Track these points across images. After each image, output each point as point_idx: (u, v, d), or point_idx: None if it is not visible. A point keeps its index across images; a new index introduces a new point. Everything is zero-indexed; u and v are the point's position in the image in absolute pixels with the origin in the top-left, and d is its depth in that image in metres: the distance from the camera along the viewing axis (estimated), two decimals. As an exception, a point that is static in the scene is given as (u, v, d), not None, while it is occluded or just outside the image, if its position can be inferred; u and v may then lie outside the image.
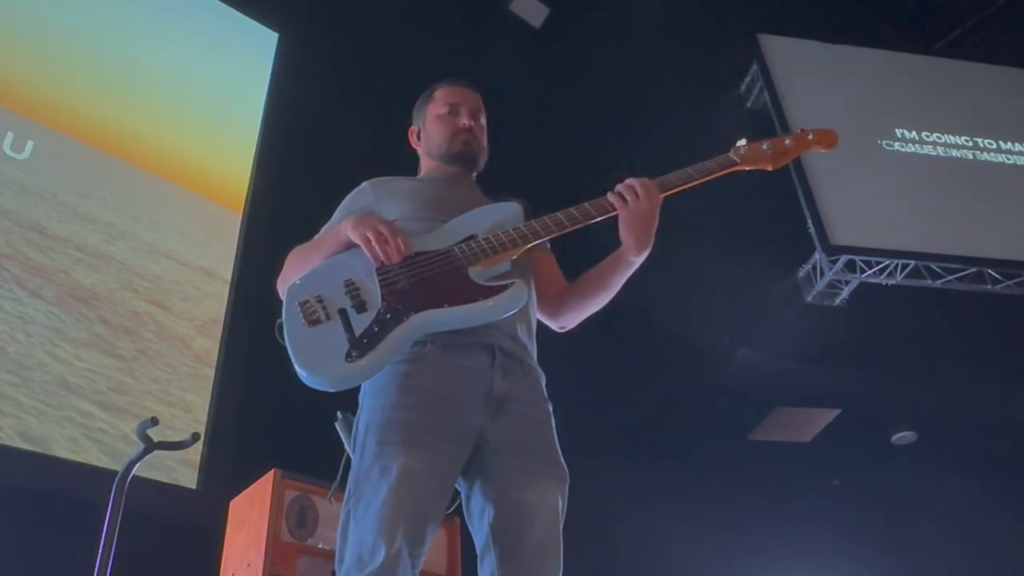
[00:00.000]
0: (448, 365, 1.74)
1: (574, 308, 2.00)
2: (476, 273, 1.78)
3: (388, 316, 1.70)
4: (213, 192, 4.94)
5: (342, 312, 1.72)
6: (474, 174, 2.14)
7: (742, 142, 1.97)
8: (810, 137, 2.01)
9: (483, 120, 2.15)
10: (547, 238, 1.86)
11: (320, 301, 1.76)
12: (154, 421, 2.47)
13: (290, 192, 4.68)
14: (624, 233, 1.84)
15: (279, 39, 5.41)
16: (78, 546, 2.60)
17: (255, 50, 5.34)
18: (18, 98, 4.25)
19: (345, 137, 4.95)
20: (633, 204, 1.82)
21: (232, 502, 3.04)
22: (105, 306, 4.02)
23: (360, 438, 1.74)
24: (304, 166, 4.81)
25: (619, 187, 1.85)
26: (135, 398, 3.86)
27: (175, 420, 3.90)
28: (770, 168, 1.98)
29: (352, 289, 1.76)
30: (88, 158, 4.45)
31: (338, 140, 4.97)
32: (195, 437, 2.56)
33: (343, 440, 1.99)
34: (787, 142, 2.00)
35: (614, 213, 1.85)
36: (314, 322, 1.73)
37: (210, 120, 5.11)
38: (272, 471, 2.85)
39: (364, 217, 1.85)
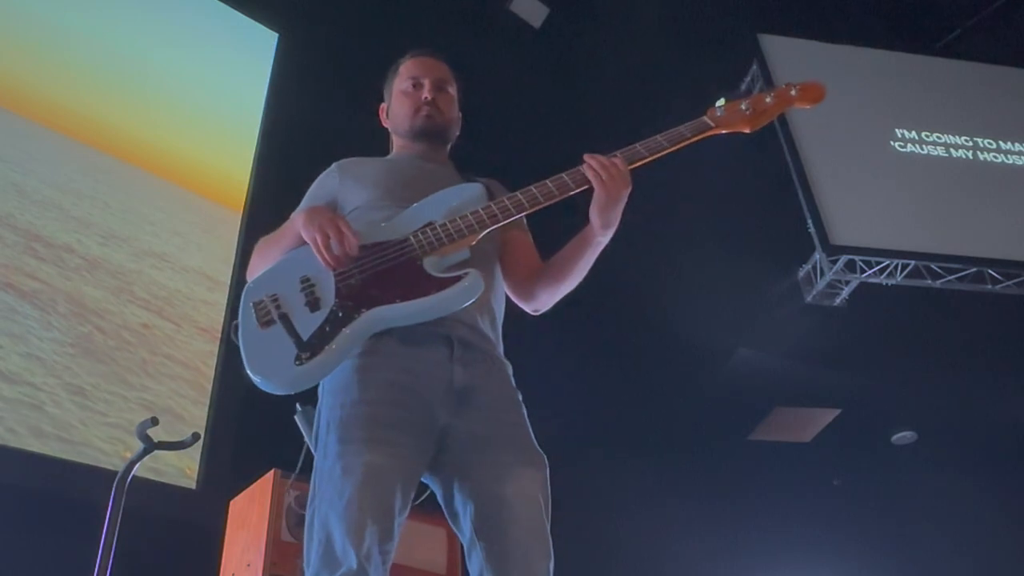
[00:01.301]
0: (405, 356, 1.71)
1: (545, 292, 1.94)
2: (431, 263, 1.74)
3: (340, 314, 1.67)
4: (213, 192, 4.94)
5: (283, 316, 1.69)
6: (447, 147, 2.10)
7: (720, 103, 1.86)
8: (793, 92, 1.90)
9: (451, 89, 2.09)
10: (506, 221, 1.79)
11: (275, 300, 1.73)
12: (154, 421, 2.47)
13: (290, 192, 4.66)
14: (596, 213, 1.78)
15: (279, 39, 5.41)
16: (78, 546, 2.60)
17: (255, 50, 5.34)
18: (18, 98, 4.25)
19: (345, 137, 4.94)
20: (611, 184, 1.75)
21: (232, 502, 3.04)
22: (105, 306, 4.02)
23: (322, 436, 1.71)
24: (304, 166, 4.79)
25: (593, 163, 1.77)
26: (134, 399, 3.86)
27: (175, 420, 3.90)
28: (747, 130, 1.88)
29: (307, 286, 1.73)
30: (87, 159, 4.44)
31: (338, 140, 4.95)
32: (195, 437, 2.56)
33: (303, 433, 1.98)
34: (768, 99, 1.89)
35: (577, 191, 1.79)
36: (267, 323, 1.70)
37: (210, 120, 5.11)
38: (272, 471, 2.85)
39: (315, 214, 1.80)
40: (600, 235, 1.80)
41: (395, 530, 1.61)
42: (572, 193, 1.79)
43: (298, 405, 1.98)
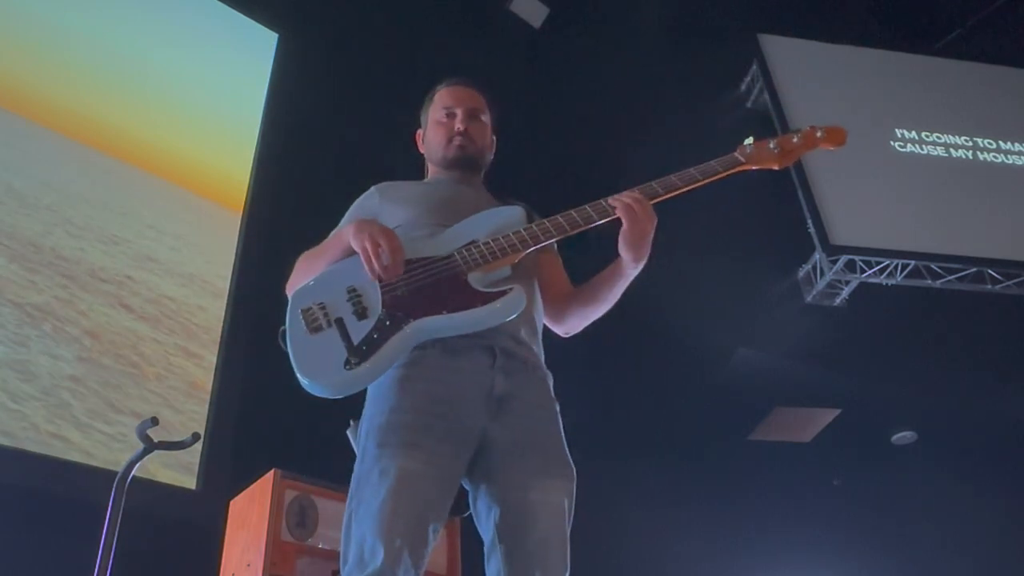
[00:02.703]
0: (446, 368, 1.76)
1: (576, 315, 2.01)
2: (476, 279, 1.79)
3: (388, 323, 1.72)
4: (212, 193, 4.94)
5: (339, 321, 1.73)
6: (481, 173, 2.14)
7: (748, 141, 1.95)
8: (819, 135, 1.98)
9: (484, 118, 2.14)
10: (547, 242, 1.86)
11: (322, 308, 1.77)
12: (154, 421, 2.47)
13: (290, 192, 4.68)
14: (624, 248, 1.84)
15: (279, 39, 5.41)
16: (78, 546, 2.60)
17: (255, 50, 5.34)
18: (18, 98, 4.25)
19: (345, 137, 4.95)
20: (638, 223, 1.81)
21: (232, 502, 3.04)
22: (104, 305, 4.02)
23: (361, 441, 1.75)
24: (304, 166, 4.81)
25: (620, 204, 1.82)
26: (134, 399, 3.86)
27: (175, 420, 3.90)
28: (776, 167, 1.96)
29: (354, 295, 1.77)
30: (87, 159, 4.44)
31: (338, 140, 4.96)
32: (195, 437, 2.56)
33: (353, 446, 2.00)
34: (795, 140, 1.97)
35: (616, 216, 1.85)
36: (315, 329, 1.74)
37: (210, 120, 5.11)
38: (272, 471, 2.85)
39: (364, 225, 1.84)
40: (631, 268, 1.88)
41: (429, 536, 1.64)
42: (612, 218, 1.85)
43: (351, 421, 2.01)
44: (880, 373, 5.72)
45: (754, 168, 1.95)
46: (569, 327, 2.04)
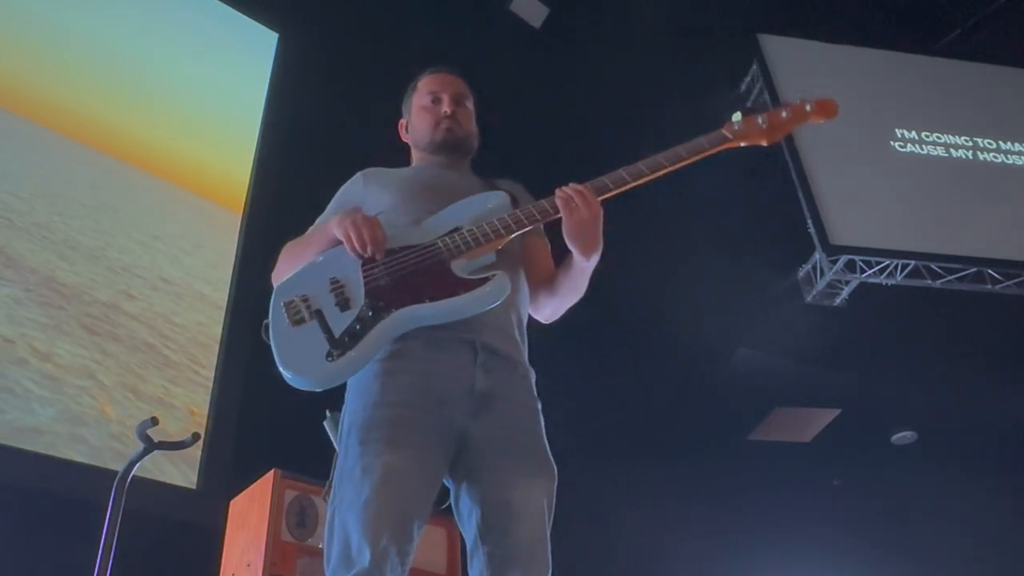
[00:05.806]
0: (429, 361, 1.74)
1: (547, 304, 2.00)
2: (459, 266, 1.78)
3: (370, 313, 1.71)
4: (212, 192, 4.94)
5: (319, 313, 1.73)
6: (468, 159, 2.13)
7: (736, 117, 1.91)
8: (808, 108, 1.95)
9: (469, 104, 2.14)
10: (531, 226, 1.85)
11: (305, 300, 1.76)
12: (154, 421, 2.47)
13: (290, 192, 4.68)
14: (569, 241, 1.82)
15: (279, 39, 5.41)
16: (78, 546, 2.60)
17: (255, 50, 5.34)
18: (18, 98, 4.25)
19: (345, 137, 4.95)
20: (575, 213, 1.79)
21: (232, 502, 3.05)
22: (102, 305, 4.02)
23: (344, 437, 1.74)
24: (304, 166, 4.81)
25: (560, 195, 1.81)
26: (135, 399, 3.86)
27: (175, 420, 3.90)
28: (765, 143, 1.93)
29: (337, 287, 1.77)
30: (87, 159, 4.44)
31: (338, 140, 4.96)
32: (195, 437, 2.56)
33: (332, 439, 1.99)
34: (784, 115, 1.94)
35: (602, 198, 1.83)
36: (298, 322, 1.74)
37: (210, 120, 5.11)
38: (272, 471, 2.86)
39: (348, 214, 1.85)
40: (583, 261, 1.84)
41: (414, 532, 1.63)
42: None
43: (328, 412, 2.00)
44: (880, 373, 5.72)
45: (742, 144, 1.91)
46: (543, 315, 2.03)
